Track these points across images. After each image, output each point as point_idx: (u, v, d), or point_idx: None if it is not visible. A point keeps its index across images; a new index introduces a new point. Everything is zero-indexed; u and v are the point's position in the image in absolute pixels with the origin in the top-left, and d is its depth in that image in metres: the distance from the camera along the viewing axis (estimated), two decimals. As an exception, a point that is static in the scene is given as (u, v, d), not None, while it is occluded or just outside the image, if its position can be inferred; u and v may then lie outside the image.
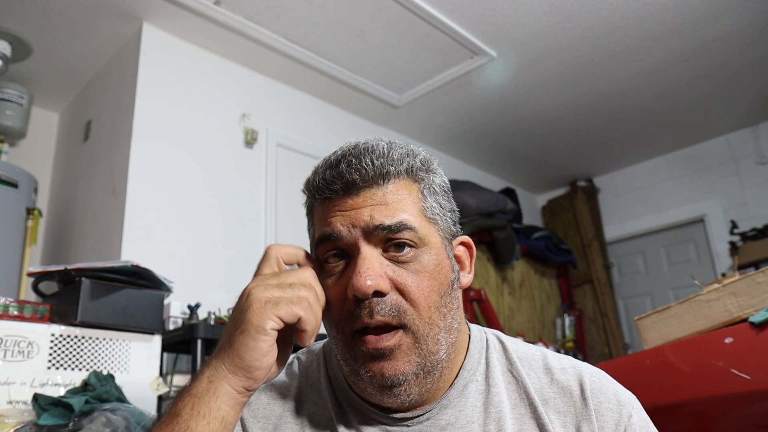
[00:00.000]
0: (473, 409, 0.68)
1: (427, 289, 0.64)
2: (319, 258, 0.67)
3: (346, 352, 0.65)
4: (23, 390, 1.38)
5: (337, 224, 0.64)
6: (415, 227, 0.64)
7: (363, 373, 0.64)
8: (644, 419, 0.69)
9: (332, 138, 3.13)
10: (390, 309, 0.62)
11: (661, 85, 3.25)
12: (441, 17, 2.52)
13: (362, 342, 0.63)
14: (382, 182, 0.65)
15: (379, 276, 0.61)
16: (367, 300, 0.61)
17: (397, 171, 0.65)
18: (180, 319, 1.93)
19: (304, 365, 0.77)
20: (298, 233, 2.80)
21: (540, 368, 0.72)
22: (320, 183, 0.66)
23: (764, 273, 1.14)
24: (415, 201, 0.66)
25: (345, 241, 0.64)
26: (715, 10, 2.59)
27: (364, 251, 0.62)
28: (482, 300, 3.09)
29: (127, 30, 2.49)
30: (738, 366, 1.05)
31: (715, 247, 3.91)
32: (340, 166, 0.65)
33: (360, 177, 0.64)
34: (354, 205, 0.64)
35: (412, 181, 0.67)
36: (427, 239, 0.65)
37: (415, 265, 0.64)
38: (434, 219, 0.67)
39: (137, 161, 2.30)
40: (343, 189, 0.64)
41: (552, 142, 3.94)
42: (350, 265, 0.64)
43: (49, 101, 3.00)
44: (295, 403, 0.72)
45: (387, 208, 0.63)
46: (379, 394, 0.65)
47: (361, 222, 0.63)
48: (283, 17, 2.49)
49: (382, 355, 0.62)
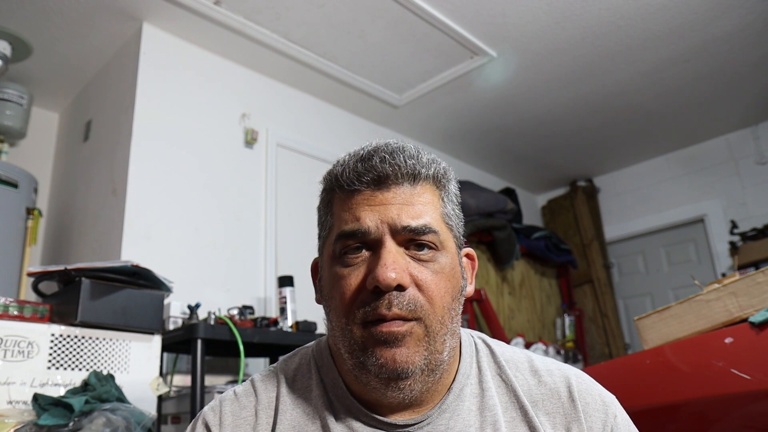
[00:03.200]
0: (470, 413, 0.68)
1: (443, 290, 0.65)
2: (337, 249, 0.67)
3: (354, 342, 0.65)
4: (23, 390, 1.38)
5: (366, 220, 0.65)
6: (438, 231, 0.66)
7: (372, 362, 0.63)
8: (626, 419, 0.72)
9: (332, 138, 3.13)
10: (408, 303, 0.63)
11: (661, 85, 3.25)
12: (441, 17, 2.52)
13: (375, 328, 0.63)
14: (412, 182, 0.66)
15: (403, 270, 0.63)
16: (387, 292, 0.62)
17: (426, 174, 0.67)
18: (180, 319, 1.93)
19: (290, 371, 0.75)
20: (298, 233, 2.80)
21: (527, 371, 0.73)
22: (350, 174, 0.66)
23: (764, 273, 1.14)
24: (437, 206, 0.68)
25: (372, 236, 0.64)
26: (715, 10, 2.59)
27: (388, 245, 0.64)
28: (482, 300, 3.09)
29: (127, 30, 2.49)
30: (738, 366, 1.05)
31: (715, 247, 3.91)
32: (374, 160, 0.66)
33: (393, 172, 0.65)
34: (383, 200, 0.65)
35: (435, 186, 0.69)
36: (445, 243, 0.67)
37: (435, 266, 0.65)
38: (451, 225, 0.70)
39: (137, 161, 2.30)
40: (374, 182, 0.65)
41: (552, 142, 3.94)
42: (373, 256, 0.64)
43: (49, 101, 3.00)
44: (275, 412, 0.70)
45: (413, 209, 0.65)
46: (384, 387, 0.64)
47: (388, 218, 0.64)
48: (283, 17, 2.49)
49: (395, 339, 0.62)
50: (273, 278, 2.57)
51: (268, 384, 0.74)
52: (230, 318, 1.85)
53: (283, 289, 2.22)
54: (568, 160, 4.29)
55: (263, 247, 2.64)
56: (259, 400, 0.72)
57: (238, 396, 0.73)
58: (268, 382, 0.75)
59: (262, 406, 0.71)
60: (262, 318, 1.97)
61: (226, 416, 0.71)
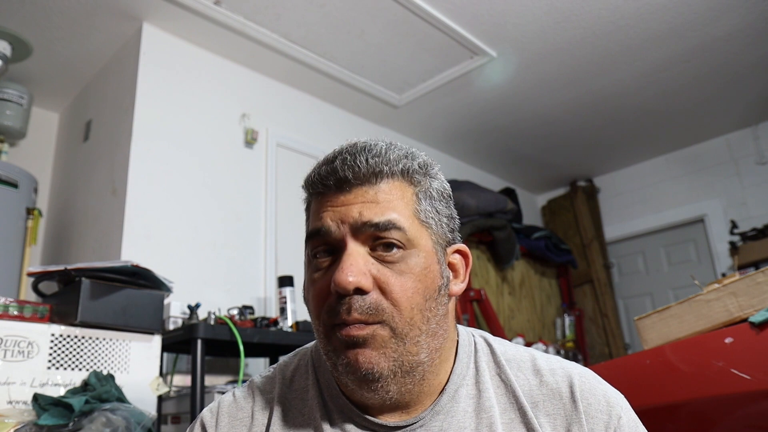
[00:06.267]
0: (465, 415, 0.67)
1: (411, 291, 0.63)
2: (309, 253, 0.68)
3: (326, 344, 0.66)
4: (23, 390, 1.38)
5: (327, 219, 0.65)
6: (405, 228, 0.64)
7: (340, 362, 0.64)
8: (633, 419, 0.69)
9: (332, 138, 3.13)
10: (368, 307, 0.62)
11: (661, 85, 3.25)
12: (441, 17, 2.52)
13: (339, 331, 0.63)
14: (374, 181, 0.65)
15: (362, 273, 0.62)
16: (348, 296, 0.62)
17: (391, 171, 0.66)
18: (180, 319, 1.93)
19: (288, 372, 0.76)
20: (298, 233, 2.80)
21: (529, 370, 0.71)
22: (315, 178, 0.68)
23: (764, 273, 1.14)
24: (408, 203, 0.66)
25: (333, 237, 0.64)
26: (715, 10, 2.59)
27: (350, 248, 0.63)
28: (482, 300, 3.09)
29: (127, 30, 2.49)
30: (738, 366, 1.05)
31: (715, 247, 3.91)
32: (335, 163, 0.66)
33: (353, 174, 0.64)
34: (345, 201, 0.65)
35: (407, 183, 0.67)
36: (416, 242, 0.65)
37: (401, 266, 0.63)
38: (428, 223, 0.67)
39: (137, 161, 2.29)
40: (335, 185, 0.65)
41: (552, 142, 3.94)
42: (336, 260, 0.64)
43: (49, 101, 3.00)
44: (270, 413, 0.71)
45: (377, 206, 0.64)
46: (359, 388, 0.65)
47: (349, 218, 0.63)
48: (283, 17, 2.49)
49: (355, 343, 0.62)
50: (273, 278, 2.57)
51: (266, 385, 0.75)
52: (230, 318, 1.85)
53: (283, 289, 2.23)
54: (568, 160, 4.29)
55: (263, 247, 2.64)
56: (256, 401, 0.73)
57: (236, 398, 0.74)
58: (266, 383, 0.75)
59: (259, 407, 0.72)
60: (262, 318, 1.97)
61: (222, 418, 0.71)
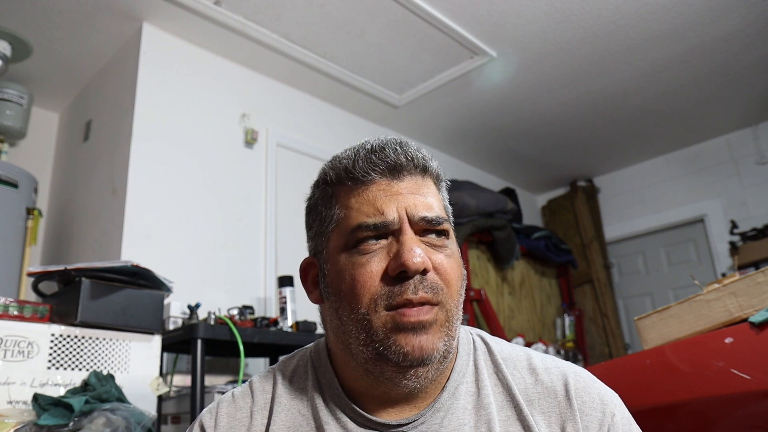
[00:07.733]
0: (464, 412, 0.68)
1: (456, 274, 0.68)
2: (350, 241, 0.67)
3: (373, 331, 0.64)
4: (23, 390, 1.38)
5: (388, 211, 0.66)
6: (448, 219, 0.71)
7: (393, 350, 0.63)
8: (627, 417, 0.70)
9: (332, 138, 3.13)
10: (431, 287, 0.64)
11: (661, 85, 3.25)
12: (441, 17, 2.52)
13: (401, 315, 0.63)
14: (424, 173, 0.70)
15: (425, 255, 0.65)
16: (412, 278, 0.63)
17: (431, 167, 0.71)
18: (180, 319, 1.93)
19: (288, 372, 0.76)
20: (298, 233, 2.79)
21: (524, 369, 0.73)
22: (364, 164, 0.68)
23: (764, 273, 1.14)
24: (439, 198, 0.72)
25: (391, 222, 0.66)
26: (715, 10, 2.59)
27: (410, 232, 0.66)
28: (482, 300, 3.09)
29: (127, 30, 2.49)
30: (738, 366, 1.05)
31: (715, 247, 3.90)
32: (387, 150, 0.68)
33: (407, 162, 0.68)
34: (399, 189, 0.68)
35: (437, 180, 0.73)
36: (451, 233, 0.71)
37: (447, 251, 0.68)
38: (450, 217, 0.73)
39: (137, 161, 2.29)
40: (389, 171, 0.68)
41: (552, 142, 3.94)
42: (394, 243, 0.66)
43: (49, 101, 3.00)
44: (269, 414, 0.71)
45: (425, 199, 0.68)
46: (401, 376, 0.65)
47: (406, 207, 0.67)
48: (283, 17, 2.49)
49: (422, 327, 0.63)
50: (273, 278, 2.57)
51: (265, 385, 0.75)
52: (230, 318, 1.85)
53: (283, 289, 2.23)
54: (568, 160, 4.29)
55: (263, 247, 2.64)
56: (255, 401, 0.73)
57: (235, 398, 0.74)
58: (265, 383, 0.75)
59: (258, 407, 0.72)
60: (262, 318, 1.97)
61: (221, 418, 0.71)
